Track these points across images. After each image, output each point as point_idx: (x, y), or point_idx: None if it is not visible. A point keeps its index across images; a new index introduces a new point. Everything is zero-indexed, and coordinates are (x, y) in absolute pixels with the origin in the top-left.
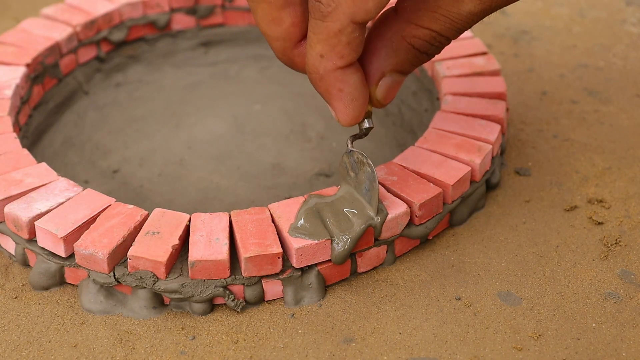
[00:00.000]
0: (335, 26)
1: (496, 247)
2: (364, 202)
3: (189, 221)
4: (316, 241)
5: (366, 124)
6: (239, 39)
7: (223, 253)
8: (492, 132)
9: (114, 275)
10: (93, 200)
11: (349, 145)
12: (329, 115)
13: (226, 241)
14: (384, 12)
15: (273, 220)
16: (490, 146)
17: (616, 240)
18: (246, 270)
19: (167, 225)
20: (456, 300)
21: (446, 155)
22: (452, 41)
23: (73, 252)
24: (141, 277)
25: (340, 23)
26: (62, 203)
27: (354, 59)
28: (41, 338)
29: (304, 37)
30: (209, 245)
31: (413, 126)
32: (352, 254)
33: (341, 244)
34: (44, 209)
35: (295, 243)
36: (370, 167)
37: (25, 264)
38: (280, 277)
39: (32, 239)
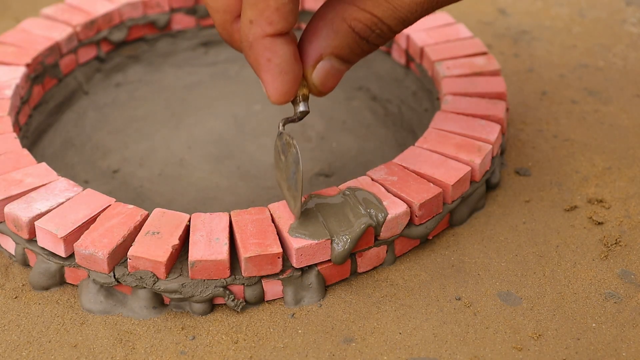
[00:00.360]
0: None
1: (496, 247)
2: (287, 194)
3: (189, 221)
4: (316, 241)
5: (301, 107)
6: None
7: (223, 253)
8: (492, 132)
9: (114, 275)
10: (93, 200)
11: (280, 127)
12: (328, 115)
13: (226, 241)
14: None
15: (273, 220)
16: (490, 146)
17: (616, 240)
18: (246, 270)
19: (167, 225)
20: (456, 300)
21: (446, 155)
22: (452, 42)
23: (73, 252)
24: (141, 277)
25: None
26: (62, 203)
27: (284, 27)
28: (41, 338)
29: None
30: (209, 245)
31: (413, 126)
32: (352, 254)
33: (341, 244)
34: (44, 209)
35: (295, 243)
36: (295, 149)
37: (25, 264)
38: (280, 277)
39: (32, 239)
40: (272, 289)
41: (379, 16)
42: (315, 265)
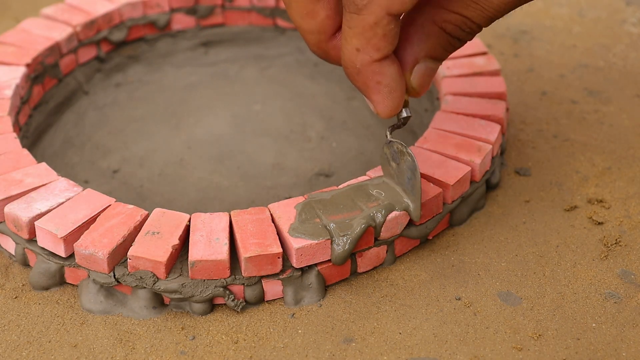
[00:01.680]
0: (370, 19)
1: (496, 247)
2: (401, 192)
3: (189, 221)
4: (316, 241)
5: (404, 114)
6: (239, 39)
7: (223, 253)
8: (492, 132)
9: (114, 275)
10: (93, 200)
11: (388, 135)
12: (328, 115)
13: (226, 241)
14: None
15: (273, 220)
16: (490, 146)
17: (616, 240)
18: (246, 270)
19: (167, 225)
20: (456, 300)
21: (446, 155)
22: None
23: (73, 252)
24: (141, 277)
25: (375, 16)
26: (62, 203)
27: (390, 51)
28: (41, 338)
29: (338, 29)
30: (209, 245)
31: (413, 126)
32: (352, 254)
33: (341, 245)
34: (44, 209)
35: (295, 243)
36: (411, 157)
37: (25, 264)
38: (280, 277)
39: (32, 239)
40: (272, 289)
41: (468, 17)
42: (315, 265)
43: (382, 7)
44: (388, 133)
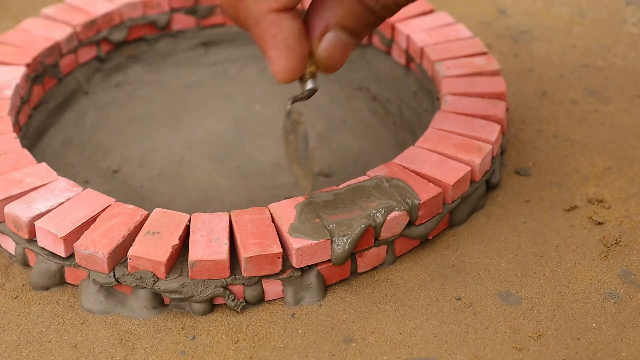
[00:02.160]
0: None
1: (496, 247)
2: (299, 171)
3: (189, 221)
4: (316, 241)
5: (309, 85)
6: (239, 39)
7: (223, 253)
8: (492, 132)
9: (114, 275)
10: (93, 200)
11: (288, 106)
12: (328, 115)
13: (226, 241)
14: None
15: (273, 220)
16: (490, 146)
17: (616, 240)
18: (246, 270)
19: (167, 225)
20: (456, 300)
21: (446, 155)
22: (452, 42)
23: (73, 252)
24: (141, 277)
25: None
26: (62, 203)
27: (290, 2)
28: (41, 338)
29: None
30: (209, 245)
31: (413, 126)
32: (352, 254)
33: (341, 245)
34: (44, 209)
35: (295, 243)
36: (304, 126)
37: (25, 264)
38: (280, 277)
39: (32, 239)
40: (272, 289)
41: None
42: (315, 265)
43: None
44: (289, 103)
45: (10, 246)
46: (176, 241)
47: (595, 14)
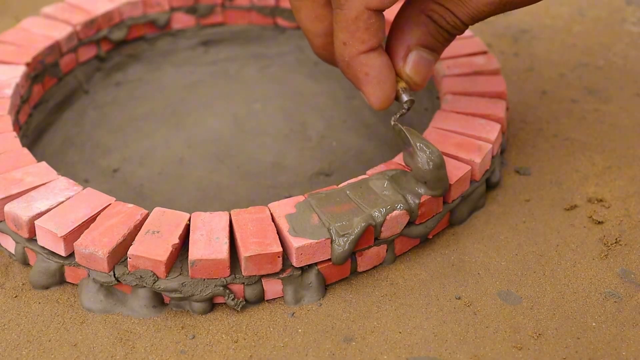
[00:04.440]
0: (352, 14)
1: (496, 247)
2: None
3: (189, 220)
4: (316, 240)
5: (404, 98)
6: (239, 38)
7: (223, 252)
8: (492, 131)
9: (114, 274)
10: (93, 199)
11: (393, 121)
12: (328, 115)
13: (226, 240)
14: None
15: (273, 220)
16: (490, 145)
17: (616, 239)
18: (246, 269)
19: (167, 224)
20: (456, 300)
21: (446, 155)
22: (452, 40)
23: (73, 251)
24: (141, 276)
25: (356, 10)
26: (62, 202)
27: (375, 43)
28: (41, 337)
29: None
30: (209, 244)
31: (413, 125)
32: (352, 253)
33: (341, 245)
34: (44, 208)
35: (295, 242)
36: (403, 131)
37: (25, 263)
38: (280, 276)
39: (32, 238)
40: (272, 288)
41: (451, 9)
42: (315, 264)
43: (362, 2)
44: (393, 119)
45: (10, 245)
46: (176, 240)
47: (595, 13)
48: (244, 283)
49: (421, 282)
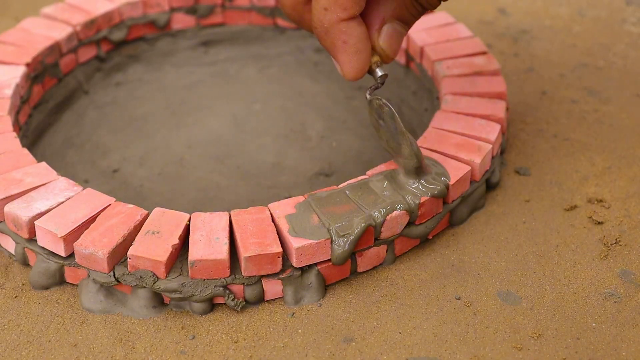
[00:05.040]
0: None
1: (496, 247)
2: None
3: (189, 220)
4: (316, 241)
5: (379, 72)
6: (239, 39)
7: (223, 252)
8: (492, 131)
9: (114, 275)
10: (93, 199)
11: (368, 96)
12: (328, 115)
13: (226, 241)
14: None
15: (273, 220)
16: (490, 146)
17: (616, 239)
18: (246, 269)
19: (167, 224)
20: (456, 300)
21: (446, 155)
22: (452, 41)
23: (73, 252)
24: (141, 277)
25: None
26: (62, 202)
27: (356, 11)
28: (41, 337)
29: None
30: (208, 244)
31: (413, 126)
32: (352, 254)
33: (341, 245)
34: (43, 209)
35: (295, 242)
36: (388, 106)
37: (25, 263)
38: (280, 276)
39: (32, 239)
40: (272, 288)
41: None
42: (315, 264)
43: None
44: (367, 94)
45: (10, 246)
46: (176, 240)
47: (595, 13)
48: (243, 283)
49: (421, 283)
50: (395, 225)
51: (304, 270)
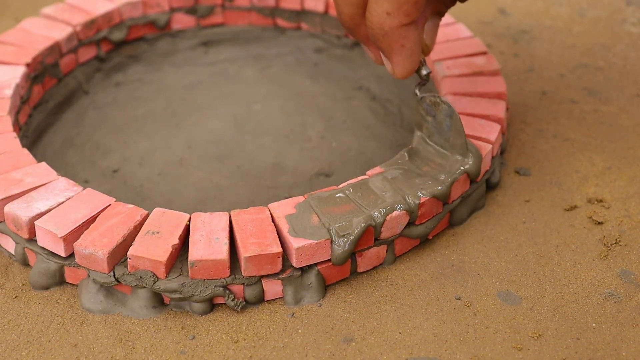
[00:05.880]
0: None
1: (496, 247)
2: (440, 151)
3: (189, 221)
4: (316, 241)
5: (424, 71)
6: (239, 39)
7: (223, 253)
8: (492, 131)
9: (114, 275)
10: (93, 199)
11: (417, 92)
12: (328, 115)
13: (226, 241)
14: None
15: (273, 220)
16: (490, 146)
17: (616, 239)
18: (246, 269)
19: (167, 224)
20: (456, 300)
21: None
22: (452, 41)
23: (73, 252)
24: (141, 277)
25: None
26: (62, 202)
27: (417, 17)
28: (41, 337)
29: None
30: (208, 244)
31: (413, 126)
32: (352, 254)
33: (341, 245)
34: (43, 209)
35: (295, 243)
36: (446, 104)
37: (25, 263)
38: (280, 276)
39: (32, 239)
40: (272, 288)
41: None
42: (315, 264)
43: None
44: (417, 91)
45: (10, 246)
46: (176, 241)
47: (595, 13)
48: (243, 283)
49: (421, 283)
50: (395, 225)
51: (304, 270)
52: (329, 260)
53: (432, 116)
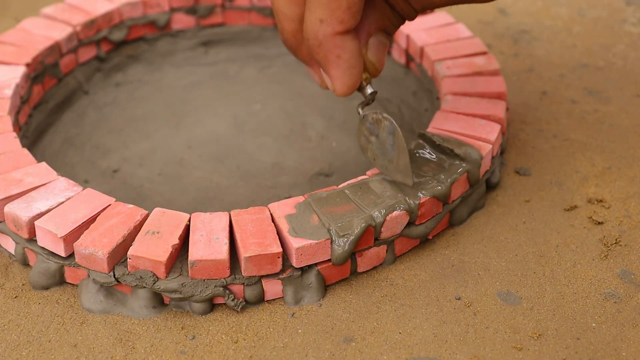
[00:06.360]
0: None
1: (496, 247)
2: (393, 172)
3: (189, 221)
4: (316, 241)
5: (369, 90)
6: (239, 39)
7: (223, 253)
8: (492, 131)
9: (114, 275)
10: (93, 199)
11: (360, 112)
12: (328, 115)
13: (226, 241)
14: None
15: (273, 220)
16: (490, 146)
17: (616, 240)
18: (246, 269)
19: (167, 224)
20: (456, 300)
21: None
22: (452, 41)
23: (73, 252)
24: (141, 277)
25: None
26: (62, 202)
27: (352, 25)
28: (41, 337)
29: None
30: (208, 244)
31: (413, 126)
32: (352, 254)
33: (341, 245)
34: (43, 209)
35: (295, 243)
36: (388, 120)
37: (25, 263)
38: (280, 276)
39: (32, 239)
40: (272, 288)
41: (410, 2)
42: (315, 264)
43: None
44: (359, 109)
45: (10, 246)
46: (176, 241)
47: (595, 13)
48: (243, 283)
49: (421, 283)
50: (395, 226)
51: (304, 270)
52: (329, 260)
53: (376, 135)
